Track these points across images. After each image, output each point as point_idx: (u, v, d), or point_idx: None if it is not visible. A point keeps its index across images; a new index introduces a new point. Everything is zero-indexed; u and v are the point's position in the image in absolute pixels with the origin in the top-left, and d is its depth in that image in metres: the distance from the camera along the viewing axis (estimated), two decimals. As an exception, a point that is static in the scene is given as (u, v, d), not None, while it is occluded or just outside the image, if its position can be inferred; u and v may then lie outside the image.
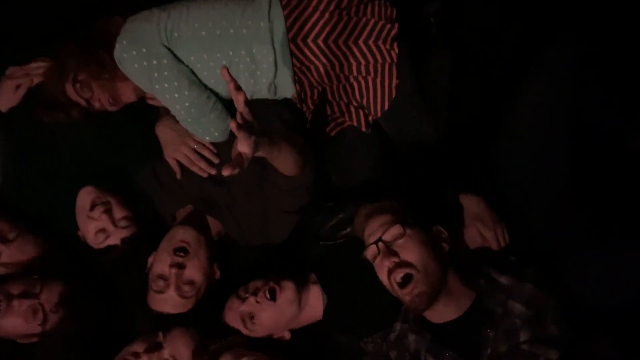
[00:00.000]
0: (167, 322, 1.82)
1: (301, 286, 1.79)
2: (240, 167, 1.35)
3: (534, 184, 1.71)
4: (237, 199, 1.98)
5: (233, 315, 1.79)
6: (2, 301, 1.75)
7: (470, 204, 1.71)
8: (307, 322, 1.84)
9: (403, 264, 1.46)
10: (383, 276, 1.50)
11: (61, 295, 1.82)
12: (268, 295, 1.73)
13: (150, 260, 1.92)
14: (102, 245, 1.94)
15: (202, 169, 1.98)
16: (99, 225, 1.92)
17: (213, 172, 1.98)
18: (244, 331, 1.77)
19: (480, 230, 1.67)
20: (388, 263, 1.47)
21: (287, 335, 1.83)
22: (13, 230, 1.90)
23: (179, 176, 2.01)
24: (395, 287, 1.47)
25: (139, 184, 2.08)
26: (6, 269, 1.87)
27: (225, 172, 1.33)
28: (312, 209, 1.93)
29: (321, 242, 1.89)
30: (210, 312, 1.87)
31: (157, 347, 1.72)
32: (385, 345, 1.67)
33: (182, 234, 1.87)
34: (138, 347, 1.71)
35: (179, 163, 1.99)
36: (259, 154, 1.44)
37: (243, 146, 1.37)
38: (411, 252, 1.47)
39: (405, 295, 1.45)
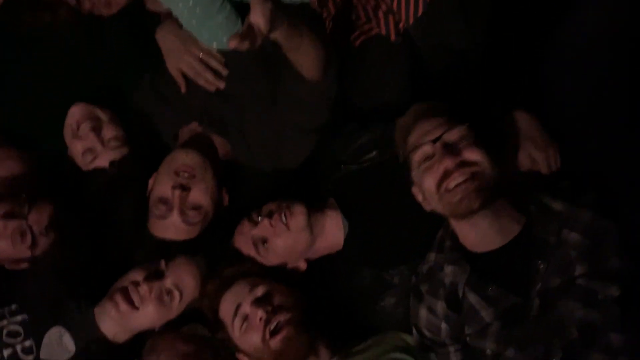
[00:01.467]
0: (170, 250, 1.64)
1: (317, 212, 1.60)
2: (250, 43, 1.12)
3: (592, 103, 1.49)
4: (247, 116, 1.76)
5: (244, 240, 1.61)
6: (-16, 224, 1.56)
7: (521, 122, 1.51)
8: (325, 252, 1.65)
9: (467, 163, 1.28)
10: (432, 180, 1.30)
11: (51, 217, 1.63)
12: (284, 219, 1.55)
13: (150, 182, 1.73)
14: (90, 167, 1.75)
15: (208, 81, 1.74)
16: (86, 144, 1.73)
17: (221, 85, 1.75)
18: (257, 257, 1.60)
19: (531, 152, 1.48)
20: (450, 163, 1.27)
21: (302, 266, 1.65)
22: None
23: (183, 89, 1.78)
24: (448, 189, 1.28)
25: (136, 99, 1.86)
26: (-12, 186, 1.68)
27: (232, 44, 1.10)
28: (333, 128, 1.71)
29: (342, 166, 1.69)
30: (219, 241, 1.70)
31: (158, 275, 1.54)
32: (415, 278, 1.50)
33: (185, 157, 1.67)
34: (137, 275, 1.54)
35: (183, 75, 1.76)
36: (275, 35, 1.21)
37: (257, 14, 1.13)
38: (476, 153, 1.29)
39: (457, 194, 1.26)
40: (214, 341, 1.52)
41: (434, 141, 1.30)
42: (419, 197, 1.38)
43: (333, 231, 1.62)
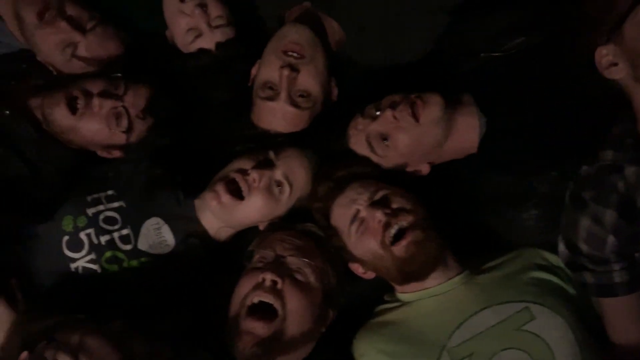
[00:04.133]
0: (275, 141, 1.45)
1: (450, 106, 1.35)
2: None
3: None
4: None
5: (359, 137, 1.41)
6: (80, 98, 1.42)
7: None
8: (453, 156, 1.42)
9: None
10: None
11: (148, 100, 1.48)
12: (410, 110, 1.32)
13: (253, 70, 1.54)
14: (192, 48, 1.57)
15: None
16: (191, 22, 1.54)
17: None
18: (374, 157, 1.40)
19: None
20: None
21: (425, 169, 1.42)
22: (92, 18, 1.53)
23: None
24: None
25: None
26: (84, 66, 1.52)
27: None
28: (467, 9, 1.45)
29: (482, 55, 1.43)
30: (327, 139, 1.49)
31: (268, 164, 1.36)
32: (575, 184, 1.24)
33: (294, 33, 1.46)
34: (244, 163, 1.37)
35: None
36: None
37: None
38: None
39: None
40: (328, 245, 1.35)
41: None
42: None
43: (467, 131, 1.37)
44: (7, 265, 1.29)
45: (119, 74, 1.48)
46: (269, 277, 1.22)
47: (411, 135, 1.35)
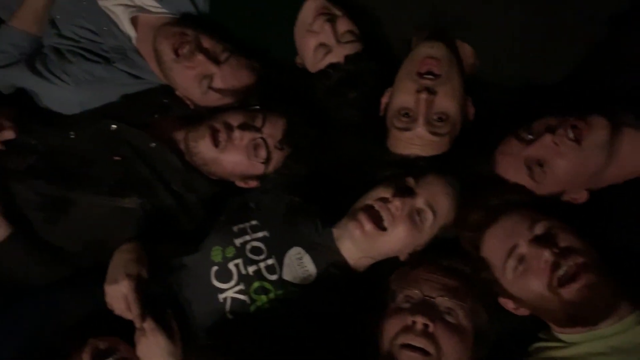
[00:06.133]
0: (414, 169, 1.41)
1: (615, 128, 1.25)
2: None
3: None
4: (504, 7, 1.44)
5: (512, 162, 1.33)
6: (222, 132, 1.46)
7: None
8: (614, 181, 1.31)
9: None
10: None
11: (284, 130, 1.50)
12: (571, 135, 1.24)
13: (383, 99, 1.52)
14: (322, 64, 1.56)
15: None
16: (320, 38, 1.54)
17: None
18: (527, 184, 1.31)
19: None
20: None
21: (582, 197, 1.32)
22: (225, 50, 1.58)
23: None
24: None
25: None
26: (220, 97, 1.57)
27: None
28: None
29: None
30: (468, 162, 1.44)
31: (409, 191, 1.33)
32: None
33: (429, 49, 1.42)
34: (384, 191, 1.34)
35: None
36: None
37: None
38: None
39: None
40: (477, 279, 1.28)
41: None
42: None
43: (632, 154, 1.26)
44: (162, 297, 1.33)
45: (257, 106, 1.52)
46: (420, 320, 1.18)
47: (572, 161, 1.25)
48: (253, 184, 1.55)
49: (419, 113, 1.39)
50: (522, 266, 1.18)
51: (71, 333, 1.30)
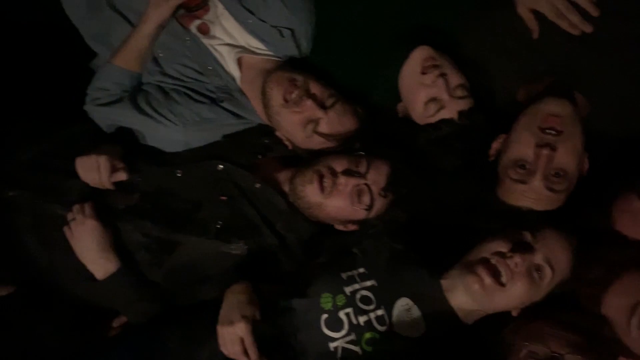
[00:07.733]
0: (528, 220, 1.38)
1: None
2: None
3: None
4: (616, 65, 1.43)
5: (630, 219, 1.30)
6: (327, 177, 1.46)
7: None
8: None
9: None
10: None
11: (388, 177, 1.49)
12: None
13: (495, 144, 1.50)
14: (433, 119, 1.55)
15: (572, 24, 1.45)
16: (432, 93, 1.53)
17: (588, 29, 1.45)
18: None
19: None
20: None
21: None
22: (332, 96, 1.58)
23: (535, 34, 1.51)
24: None
25: (470, 46, 1.62)
26: (324, 141, 1.57)
27: None
28: None
29: None
30: (584, 218, 1.40)
31: (527, 247, 1.29)
32: None
33: (555, 106, 1.40)
34: (501, 245, 1.30)
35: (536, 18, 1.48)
36: None
37: None
38: None
39: None
40: (598, 336, 1.24)
41: None
42: None
43: None
44: (272, 337, 1.31)
45: (362, 152, 1.51)
46: None
47: None
48: (352, 227, 1.54)
49: (538, 167, 1.37)
50: None
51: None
